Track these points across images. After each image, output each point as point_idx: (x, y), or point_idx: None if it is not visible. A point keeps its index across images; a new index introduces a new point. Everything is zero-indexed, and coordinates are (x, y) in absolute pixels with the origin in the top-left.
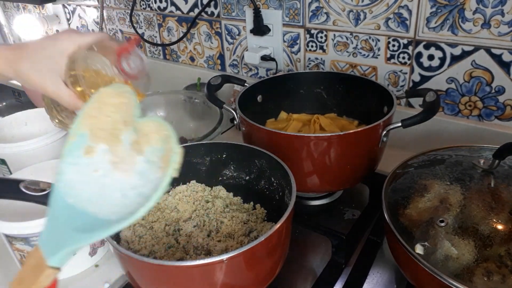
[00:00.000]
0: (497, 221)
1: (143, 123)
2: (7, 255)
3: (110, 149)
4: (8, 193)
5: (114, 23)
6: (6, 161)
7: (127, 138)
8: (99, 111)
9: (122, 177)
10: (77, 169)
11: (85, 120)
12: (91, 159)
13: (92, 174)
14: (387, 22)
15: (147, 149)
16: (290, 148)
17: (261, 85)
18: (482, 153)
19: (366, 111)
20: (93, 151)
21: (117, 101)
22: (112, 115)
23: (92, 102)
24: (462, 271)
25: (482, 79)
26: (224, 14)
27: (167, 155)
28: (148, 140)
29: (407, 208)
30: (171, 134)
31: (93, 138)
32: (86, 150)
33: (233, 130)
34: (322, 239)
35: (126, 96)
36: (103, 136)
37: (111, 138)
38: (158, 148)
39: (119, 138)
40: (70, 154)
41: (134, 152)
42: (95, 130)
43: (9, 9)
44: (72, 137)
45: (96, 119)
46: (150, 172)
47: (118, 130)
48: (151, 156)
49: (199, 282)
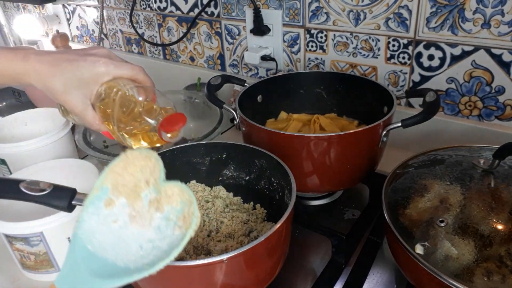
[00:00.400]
0: (497, 221)
1: (167, 186)
2: (7, 255)
3: (129, 204)
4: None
5: (114, 23)
6: (6, 161)
7: (147, 196)
8: (123, 169)
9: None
10: (97, 219)
11: (109, 175)
12: (111, 210)
13: (111, 224)
14: (387, 22)
15: (166, 207)
16: (290, 148)
17: (261, 85)
18: (482, 153)
19: (366, 111)
20: (114, 204)
21: (143, 163)
22: (135, 174)
23: (118, 160)
24: (462, 271)
25: (482, 79)
26: (224, 14)
27: (187, 218)
28: (170, 201)
29: (407, 208)
30: (193, 200)
31: (114, 192)
32: (107, 202)
33: (233, 130)
34: (322, 239)
35: (152, 161)
36: (124, 192)
37: (132, 194)
38: (177, 209)
39: (140, 195)
40: (92, 205)
41: (152, 209)
42: (117, 186)
43: (9, 9)
44: (95, 190)
45: (119, 176)
46: (167, 229)
47: (139, 188)
48: (170, 215)
49: (199, 282)
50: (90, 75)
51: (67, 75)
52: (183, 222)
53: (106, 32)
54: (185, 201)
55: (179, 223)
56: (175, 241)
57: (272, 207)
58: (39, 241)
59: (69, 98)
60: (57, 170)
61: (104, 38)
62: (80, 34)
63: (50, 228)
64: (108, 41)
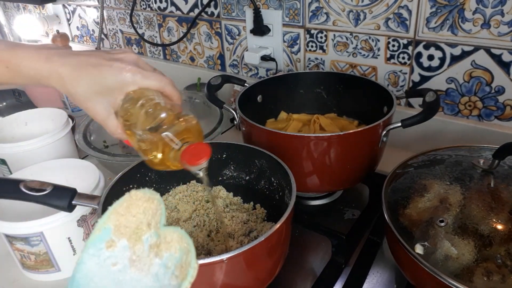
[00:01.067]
0: (497, 221)
1: (167, 231)
2: (7, 255)
3: (130, 246)
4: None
5: (114, 23)
6: (6, 161)
7: (148, 239)
8: (126, 210)
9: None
10: (97, 261)
11: (112, 216)
12: (112, 252)
13: (111, 268)
14: (387, 22)
15: (165, 254)
16: (290, 148)
17: (261, 85)
18: (482, 153)
19: (366, 111)
20: (115, 245)
21: (146, 205)
22: (138, 215)
23: (122, 200)
24: (462, 271)
25: (482, 79)
26: (224, 14)
27: (184, 267)
28: (169, 247)
29: (407, 208)
30: (191, 249)
31: (116, 233)
32: (108, 243)
33: (233, 130)
34: (322, 239)
35: (155, 203)
36: (126, 233)
37: (133, 236)
38: (176, 257)
39: (141, 238)
40: (93, 246)
41: (152, 254)
42: (120, 227)
43: (9, 9)
44: (97, 230)
45: (122, 217)
46: (165, 277)
47: (141, 230)
48: (168, 262)
49: (199, 282)
50: (115, 82)
51: (90, 81)
52: (180, 271)
53: (106, 32)
54: (183, 249)
55: (176, 273)
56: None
57: (272, 207)
58: (39, 241)
59: (92, 105)
60: (57, 170)
61: (104, 38)
62: (80, 34)
63: (50, 228)
64: (108, 41)
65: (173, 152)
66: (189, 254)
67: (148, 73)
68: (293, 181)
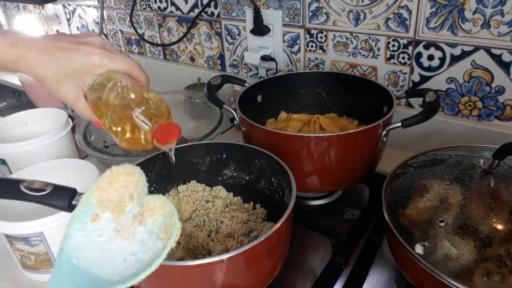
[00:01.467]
0: (497, 221)
1: (149, 200)
2: (7, 255)
3: (114, 218)
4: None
5: (114, 23)
6: (6, 161)
7: (131, 210)
8: (108, 185)
9: (123, 243)
10: (83, 234)
11: (95, 191)
12: (96, 225)
13: (97, 239)
14: (387, 22)
15: (149, 221)
16: (290, 148)
17: (261, 85)
18: (482, 153)
19: (366, 111)
20: (99, 219)
21: (127, 179)
22: (120, 189)
23: (104, 176)
24: (462, 271)
25: (482, 79)
26: (224, 14)
27: (168, 229)
28: (152, 214)
29: (407, 208)
30: (174, 211)
31: (100, 207)
32: (92, 217)
33: (233, 130)
34: (322, 239)
35: (136, 176)
36: (109, 207)
37: (116, 209)
38: (159, 222)
39: (124, 209)
40: (78, 220)
41: (136, 223)
42: (103, 201)
43: (9, 9)
44: (81, 206)
45: (105, 192)
46: (150, 241)
47: (124, 202)
48: (152, 228)
49: (199, 282)
50: (83, 66)
51: (59, 64)
52: (164, 234)
53: (106, 32)
54: (166, 213)
55: (160, 235)
56: (157, 252)
57: (272, 207)
58: (39, 241)
59: (61, 88)
60: (57, 170)
61: (104, 38)
62: None
63: (50, 228)
64: (108, 41)
65: (143, 132)
66: (173, 216)
67: (115, 55)
68: (293, 181)
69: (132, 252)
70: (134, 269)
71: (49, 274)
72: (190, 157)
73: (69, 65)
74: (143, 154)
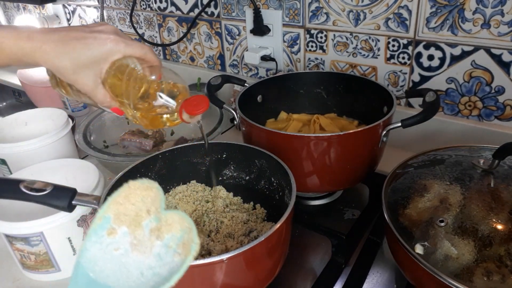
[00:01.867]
0: (497, 221)
1: (168, 215)
2: (7, 255)
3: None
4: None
5: (114, 23)
6: (6, 161)
7: (148, 224)
8: (125, 199)
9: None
10: (99, 247)
11: (112, 205)
12: (113, 239)
13: (113, 252)
14: (387, 22)
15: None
16: (290, 148)
17: (261, 85)
18: (482, 153)
19: (366, 111)
20: (115, 233)
21: (144, 193)
22: (136, 204)
23: (121, 190)
24: (462, 271)
25: (482, 79)
26: (224, 14)
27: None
28: (170, 229)
29: (407, 208)
30: (192, 227)
31: (116, 221)
32: (109, 231)
33: (233, 130)
34: (322, 239)
35: (154, 191)
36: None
37: (133, 223)
38: (177, 237)
39: (141, 224)
40: (95, 234)
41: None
42: (119, 215)
43: (9, 9)
44: (98, 219)
45: (121, 206)
46: (167, 256)
47: (140, 217)
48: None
49: (199, 282)
50: (100, 53)
51: (76, 53)
52: (182, 249)
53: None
54: (184, 228)
55: (178, 250)
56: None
57: (272, 207)
58: (39, 241)
59: (80, 77)
60: (57, 170)
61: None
62: None
63: (50, 228)
64: None
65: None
66: (191, 232)
67: (130, 41)
68: (293, 181)
69: (149, 266)
70: (151, 283)
71: (49, 274)
72: (190, 157)
73: (87, 54)
74: (143, 154)
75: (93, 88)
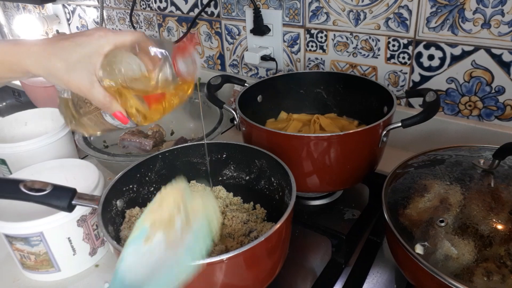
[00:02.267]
0: (497, 221)
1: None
2: (7, 255)
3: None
4: (8, 193)
5: (114, 23)
6: (6, 161)
7: (179, 221)
8: (159, 207)
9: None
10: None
11: (148, 215)
12: (149, 246)
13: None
14: (387, 22)
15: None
16: (290, 148)
17: (261, 85)
18: (482, 153)
19: (366, 111)
20: (151, 240)
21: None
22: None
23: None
24: (462, 271)
25: (482, 79)
26: (224, 14)
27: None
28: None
29: (407, 208)
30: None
31: (152, 229)
32: (145, 239)
33: (233, 130)
34: (322, 239)
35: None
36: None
37: (168, 226)
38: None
39: (174, 224)
40: (133, 244)
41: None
42: (155, 223)
43: (9, 9)
44: (136, 231)
45: (156, 213)
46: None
47: (173, 217)
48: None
49: (199, 282)
50: (90, 47)
51: (66, 52)
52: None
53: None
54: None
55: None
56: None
57: (272, 207)
58: (39, 241)
59: (73, 77)
60: (57, 170)
61: None
62: None
63: (50, 228)
64: None
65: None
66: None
67: (119, 30)
68: (293, 181)
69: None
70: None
71: (49, 274)
72: (190, 157)
73: (77, 51)
74: (143, 154)
75: (89, 87)
